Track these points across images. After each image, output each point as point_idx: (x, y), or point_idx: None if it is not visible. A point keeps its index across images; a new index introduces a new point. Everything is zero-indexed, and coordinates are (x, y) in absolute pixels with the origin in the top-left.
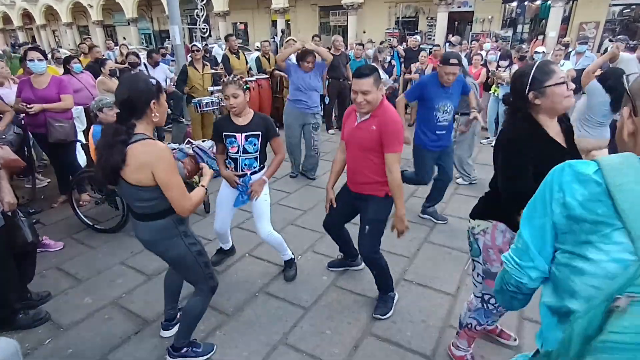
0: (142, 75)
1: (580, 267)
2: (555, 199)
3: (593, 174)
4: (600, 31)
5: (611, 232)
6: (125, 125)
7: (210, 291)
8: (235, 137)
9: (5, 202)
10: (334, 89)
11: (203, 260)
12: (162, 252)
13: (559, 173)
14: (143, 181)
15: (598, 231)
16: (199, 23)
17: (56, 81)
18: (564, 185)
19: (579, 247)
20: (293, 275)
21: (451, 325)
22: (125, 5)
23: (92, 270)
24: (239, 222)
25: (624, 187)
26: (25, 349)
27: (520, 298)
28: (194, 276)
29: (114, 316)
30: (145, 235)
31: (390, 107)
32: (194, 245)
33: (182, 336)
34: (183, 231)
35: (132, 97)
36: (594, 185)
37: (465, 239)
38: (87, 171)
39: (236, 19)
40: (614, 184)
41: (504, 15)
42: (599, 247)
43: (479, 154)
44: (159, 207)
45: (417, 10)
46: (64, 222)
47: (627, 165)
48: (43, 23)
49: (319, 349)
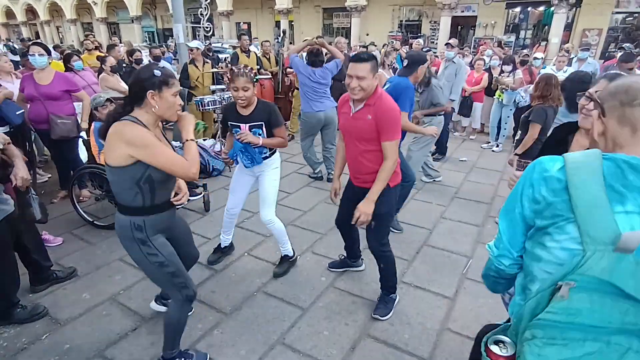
0: (154, 66)
1: (538, 254)
2: (525, 195)
3: (557, 172)
4: (603, 38)
5: (565, 224)
6: (123, 109)
7: (186, 300)
8: (239, 128)
9: (19, 177)
10: (336, 90)
11: (168, 271)
12: (126, 249)
13: (531, 170)
14: (112, 156)
15: (555, 223)
16: (203, 22)
17: (60, 78)
18: (534, 182)
19: (540, 237)
20: (281, 272)
21: (449, 328)
22: (130, 3)
23: (90, 266)
24: (238, 222)
25: (580, 184)
26: (22, 344)
27: (502, 282)
28: (161, 285)
29: (112, 312)
30: (116, 226)
31: (386, 95)
32: (154, 256)
33: (167, 347)
34: (139, 238)
35: (132, 84)
36: (555, 182)
37: (464, 242)
38: (88, 167)
39: (240, 18)
40: (572, 181)
41: (507, 21)
42: (554, 237)
43: (480, 158)
44: (122, 199)
45: (421, 14)
46: (63, 218)
47: (587, 163)
48: (47, 19)
49: (316, 350)
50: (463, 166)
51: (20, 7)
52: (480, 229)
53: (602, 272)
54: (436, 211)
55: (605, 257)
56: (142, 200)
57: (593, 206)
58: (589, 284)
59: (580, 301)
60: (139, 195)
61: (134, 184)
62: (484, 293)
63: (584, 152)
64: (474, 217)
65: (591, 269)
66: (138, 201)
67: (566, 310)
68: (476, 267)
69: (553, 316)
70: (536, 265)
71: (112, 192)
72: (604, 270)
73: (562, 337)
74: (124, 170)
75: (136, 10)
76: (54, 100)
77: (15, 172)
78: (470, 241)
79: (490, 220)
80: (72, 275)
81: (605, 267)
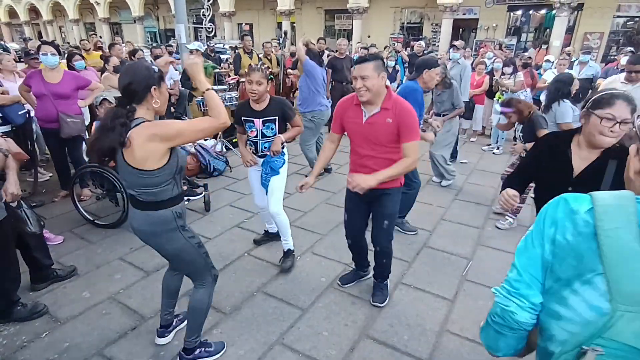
0: (145, 62)
1: (556, 310)
2: (547, 235)
3: (584, 213)
4: (605, 42)
5: (593, 277)
6: (125, 109)
7: (213, 280)
8: (253, 122)
9: (9, 193)
10: (337, 92)
11: (204, 251)
12: (162, 245)
13: (553, 207)
14: (150, 162)
15: (580, 275)
16: (205, 22)
17: (70, 76)
18: (558, 221)
19: (559, 289)
20: (290, 266)
21: (448, 330)
22: (132, 3)
23: (91, 265)
24: (239, 222)
25: (611, 232)
26: (22, 342)
27: (506, 334)
28: (196, 268)
29: (111, 311)
30: (144, 226)
31: (400, 97)
32: (193, 238)
33: (193, 334)
34: (181, 225)
35: (133, 82)
36: (582, 225)
37: (464, 244)
38: (89, 166)
39: (242, 19)
40: (602, 227)
41: (508, 24)
42: (578, 291)
43: (480, 160)
44: (162, 195)
45: (422, 17)
46: (64, 217)
47: (620, 208)
48: (50, 19)
49: (315, 350)
50: (464, 168)
51: (23, 7)
52: (480, 230)
53: (634, 338)
54: (436, 213)
55: (638, 320)
56: (177, 190)
57: (625, 258)
58: (619, 351)
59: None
60: (175, 187)
61: (171, 178)
62: (484, 295)
63: (615, 193)
64: (474, 219)
65: (621, 333)
66: (175, 191)
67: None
68: (476, 269)
69: None
70: (555, 323)
71: (113, 191)
72: (636, 335)
73: None
74: (164, 169)
75: (139, 10)
76: (64, 99)
77: (5, 187)
78: (471, 243)
79: (490, 222)
80: (73, 273)
81: (637, 332)
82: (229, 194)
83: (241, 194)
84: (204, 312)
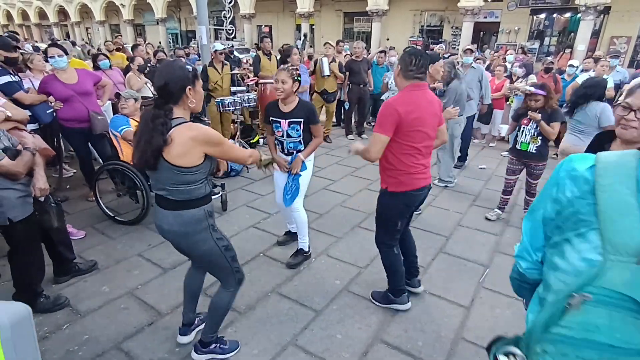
0: (179, 62)
1: (556, 262)
2: (549, 195)
3: (585, 170)
4: (632, 46)
5: (587, 232)
6: (163, 110)
7: (237, 284)
8: (280, 123)
9: (37, 188)
10: (354, 94)
11: (230, 255)
12: (190, 246)
13: (558, 167)
14: (188, 159)
15: (576, 229)
16: (226, 24)
17: (84, 73)
18: (559, 180)
19: (560, 244)
20: (295, 263)
21: (464, 337)
22: (156, 5)
23: (110, 260)
24: (255, 222)
25: (608, 187)
26: (44, 332)
27: (525, 287)
28: (221, 271)
29: (130, 306)
30: (176, 227)
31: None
32: (221, 240)
33: (209, 330)
34: (212, 224)
35: (169, 82)
36: (582, 182)
37: (481, 251)
38: (112, 163)
39: (261, 21)
40: (600, 182)
41: (531, 27)
42: (575, 245)
43: (499, 166)
44: (196, 193)
45: (442, 19)
46: (86, 212)
47: (620, 164)
48: (77, 20)
49: (328, 353)
50: (482, 174)
51: (53, 9)
52: (498, 237)
53: (625, 286)
54: (453, 218)
55: (628, 270)
56: (208, 188)
57: (619, 212)
58: (609, 298)
59: (599, 317)
60: (207, 186)
61: (204, 177)
62: (501, 304)
63: (621, 151)
64: (492, 226)
65: (611, 282)
66: (206, 190)
67: (582, 325)
68: (493, 276)
69: (567, 331)
70: (553, 274)
71: (134, 188)
72: (627, 284)
73: (576, 355)
74: (201, 166)
75: (161, 12)
76: (88, 96)
77: (34, 183)
78: (488, 250)
79: (508, 229)
80: (93, 268)
81: (628, 281)
82: (245, 194)
83: (258, 194)
84: (224, 312)
